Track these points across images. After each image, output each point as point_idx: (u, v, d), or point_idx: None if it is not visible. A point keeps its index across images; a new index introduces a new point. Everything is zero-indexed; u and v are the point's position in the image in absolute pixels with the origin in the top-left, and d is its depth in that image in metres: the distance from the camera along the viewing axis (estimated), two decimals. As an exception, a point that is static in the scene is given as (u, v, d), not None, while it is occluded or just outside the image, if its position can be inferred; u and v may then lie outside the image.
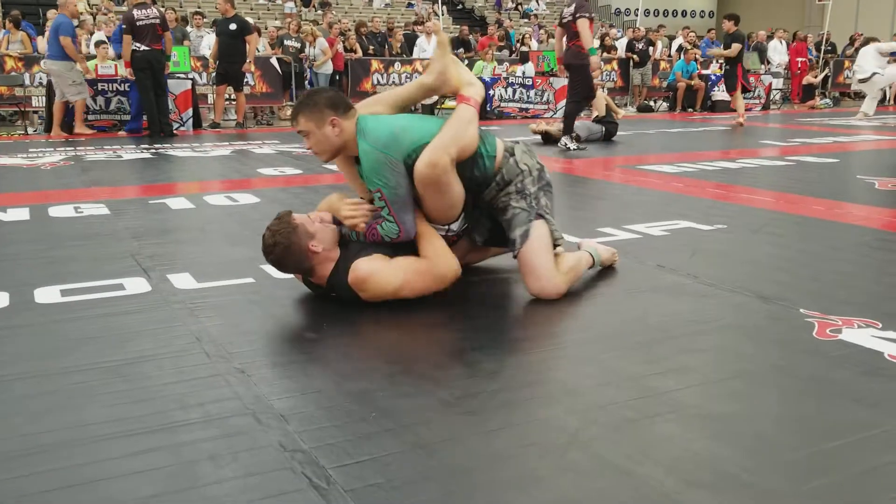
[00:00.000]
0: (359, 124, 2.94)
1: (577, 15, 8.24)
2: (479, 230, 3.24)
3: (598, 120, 9.67)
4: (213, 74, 11.48)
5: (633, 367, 2.34)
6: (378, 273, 2.83)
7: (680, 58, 16.20)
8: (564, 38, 8.72)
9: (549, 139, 9.26)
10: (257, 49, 12.11)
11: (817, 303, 2.93)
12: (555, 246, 3.08)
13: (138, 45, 9.82)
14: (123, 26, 10.00)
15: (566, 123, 8.63)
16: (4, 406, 2.09)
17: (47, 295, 3.07)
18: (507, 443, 1.89)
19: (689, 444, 1.87)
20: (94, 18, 14.34)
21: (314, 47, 13.06)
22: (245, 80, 11.50)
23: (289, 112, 13.26)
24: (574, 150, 8.43)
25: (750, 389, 2.20)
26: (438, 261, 2.94)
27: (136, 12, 9.81)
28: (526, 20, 22.91)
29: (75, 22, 10.58)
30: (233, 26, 10.76)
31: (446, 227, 3.09)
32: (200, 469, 1.75)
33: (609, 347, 2.51)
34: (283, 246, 2.82)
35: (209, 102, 12.32)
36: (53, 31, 9.70)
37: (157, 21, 9.95)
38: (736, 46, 11.23)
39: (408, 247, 2.97)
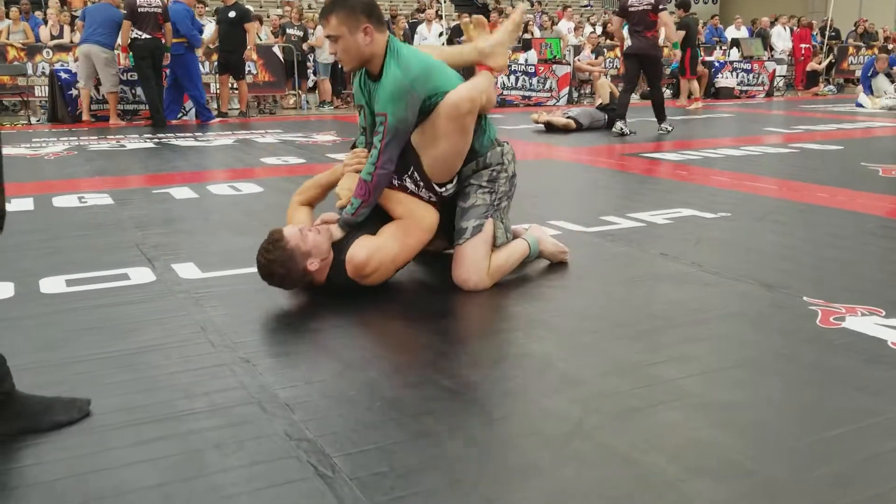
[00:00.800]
0: (392, 44, 2.90)
1: (661, 6, 8.55)
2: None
3: (601, 107, 9.65)
4: (216, 64, 11.44)
5: (636, 356, 2.35)
6: (375, 252, 2.83)
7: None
8: (625, 28, 9.02)
9: (551, 128, 9.24)
10: (259, 38, 12.07)
11: (821, 291, 2.94)
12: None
13: (139, 32, 9.82)
14: (124, 12, 9.99)
15: (620, 111, 8.79)
16: (12, 396, 2.10)
17: (52, 285, 3.08)
18: (511, 432, 1.90)
19: (693, 432, 1.88)
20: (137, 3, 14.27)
21: (314, 35, 13.02)
22: (247, 68, 11.45)
23: (292, 101, 13.26)
24: (630, 133, 8.65)
25: (753, 378, 2.21)
26: (415, 210, 2.95)
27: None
28: (528, 7, 22.81)
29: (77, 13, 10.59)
30: (232, 14, 10.71)
31: (439, 189, 3.02)
32: (206, 458, 1.77)
33: (612, 336, 2.52)
34: (280, 275, 2.80)
35: (212, 91, 12.30)
36: (111, 18, 9.77)
37: (159, 10, 9.94)
38: (679, 33, 11.31)
39: (384, 218, 2.98)
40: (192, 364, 2.30)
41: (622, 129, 8.68)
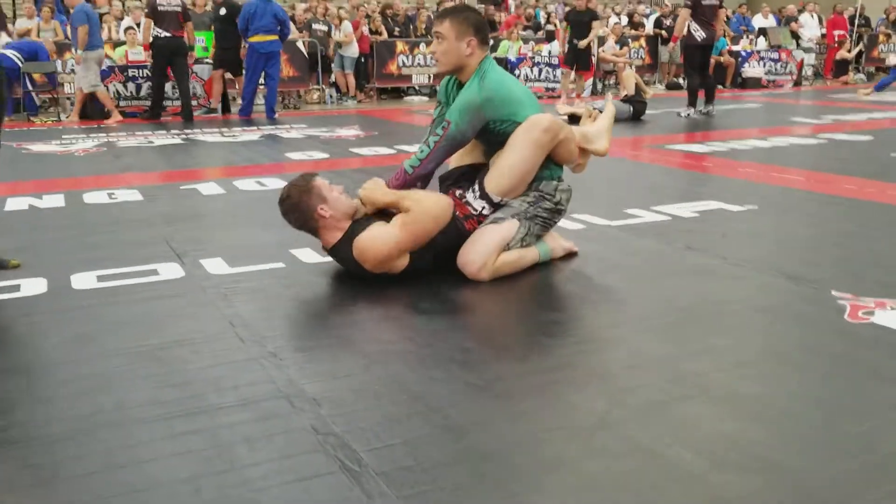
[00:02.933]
0: (485, 63, 3.13)
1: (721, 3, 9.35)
2: None
3: (626, 99, 9.59)
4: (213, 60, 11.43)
5: (661, 350, 2.35)
6: (375, 237, 2.91)
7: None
8: (689, 21, 9.40)
9: (573, 120, 9.24)
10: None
11: (849, 284, 2.91)
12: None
13: (160, 31, 9.94)
14: (146, 9, 10.14)
15: (691, 96, 9.67)
16: (48, 390, 2.15)
17: (84, 281, 3.14)
18: (536, 426, 1.91)
19: (719, 425, 1.88)
20: (124, 4, 14.46)
21: (339, 30, 13.04)
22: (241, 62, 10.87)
23: (316, 96, 13.26)
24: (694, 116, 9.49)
25: (780, 371, 2.20)
26: (423, 201, 2.98)
27: None
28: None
29: (105, 8, 10.69)
30: (222, 11, 10.66)
31: (483, 201, 3.10)
32: (236, 451, 1.80)
33: (638, 330, 2.52)
34: (292, 202, 3.00)
35: (237, 88, 12.39)
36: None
37: (179, 9, 10.06)
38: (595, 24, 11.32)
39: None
40: (221, 359, 2.34)
41: (691, 112, 9.53)
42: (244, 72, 10.57)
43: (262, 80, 10.62)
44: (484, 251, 3.02)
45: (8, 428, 1.93)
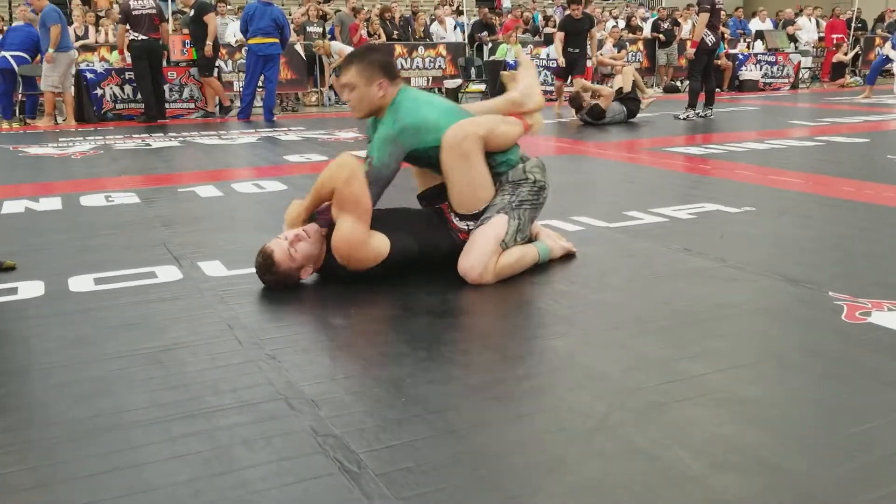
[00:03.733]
0: (398, 97, 3.08)
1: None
2: None
3: (621, 97, 9.52)
4: None
5: (660, 352, 2.35)
6: (338, 238, 2.89)
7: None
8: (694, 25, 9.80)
9: (578, 106, 9.35)
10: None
11: (846, 285, 2.92)
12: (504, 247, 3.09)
13: (136, 34, 10.06)
14: (119, 15, 10.23)
15: (692, 100, 9.77)
16: (46, 393, 2.14)
17: (81, 283, 3.13)
18: (535, 428, 1.91)
19: (717, 427, 1.88)
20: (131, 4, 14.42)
21: (331, 58, 12.89)
22: (214, 63, 10.88)
23: (314, 98, 13.26)
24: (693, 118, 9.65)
25: (778, 373, 2.20)
26: (326, 174, 2.99)
27: (131, 2, 10.03)
28: (550, 1, 22.73)
29: (103, 11, 10.72)
30: (191, 12, 10.74)
31: (465, 222, 3.12)
32: (235, 453, 1.80)
33: (636, 332, 2.52)
34: (277, 286, 2.99)
35: (235, 90, 12.40)
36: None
37: (154, 11, 10.18)
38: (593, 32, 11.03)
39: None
40: (219, 361, 2.33)
41: (690, 114, 9.63)
42: (245, 74, 10.64)
43: (260, 83, 10.65)
44: (481, 256, 3.01)
45: (6, 431, 1.92)
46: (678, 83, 15.96)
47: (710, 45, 9.51)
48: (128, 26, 10.13)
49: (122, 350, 2.43)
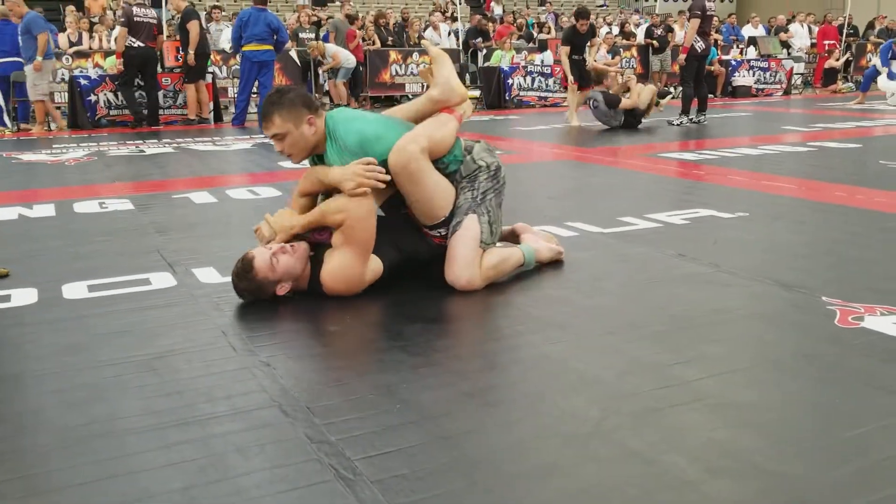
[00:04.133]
0: (328, 124, 2.97)
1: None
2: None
3: (629, 112, 9.47)
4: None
5: (654, 357, 2.35)
6: (335, 272, 2.87)
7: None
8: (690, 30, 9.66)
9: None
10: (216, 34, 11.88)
11: (839, 290, 2.93)
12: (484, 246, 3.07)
13: (133, 40, 10.15)
14: (122, 18, 10.29)
15: (685, 104, 9.88)
16: (40, 400, 2.14)
17: (75, 290, 3.13)
18: (530, 433, 1.91)
19: (712, 432, 1.89)
20: (115, 14, 14.45)
21: (324, 60, 12.87)
22: (199, 71, 10.83)
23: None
24: (686, 124, 9.74)
25: (772, 378, 2.21)
26: (349, 207, 2.86)
27: (135, 9, 10.18)
28: (543, 8, 22.80)
29: (97, 17, 10.77)
30: (178, 20, 10.90)
31: (435, 230, 3.08)
32: (229, 461, 1.79)
33: (631, 337, 2.52)
34: (249, 299, 2.92)
35: (229, 96, 12.40)
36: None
37: (154, 21, 10.41)
38: (594, 40, 11.01)
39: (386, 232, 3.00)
40: (213, 368, 2.33)
41: (684, 121, 9.73)
42: (239, 81, 10.72)
43: (254, 89, 10.66)
44: (465, 263, 3.00)
45: (-1, 438, 1.92)
46: (672, 89, 16.02)
47: (699, 51, 9.59)
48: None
49: (116, 357, 2.42)
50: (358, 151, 2.91)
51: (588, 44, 10.72)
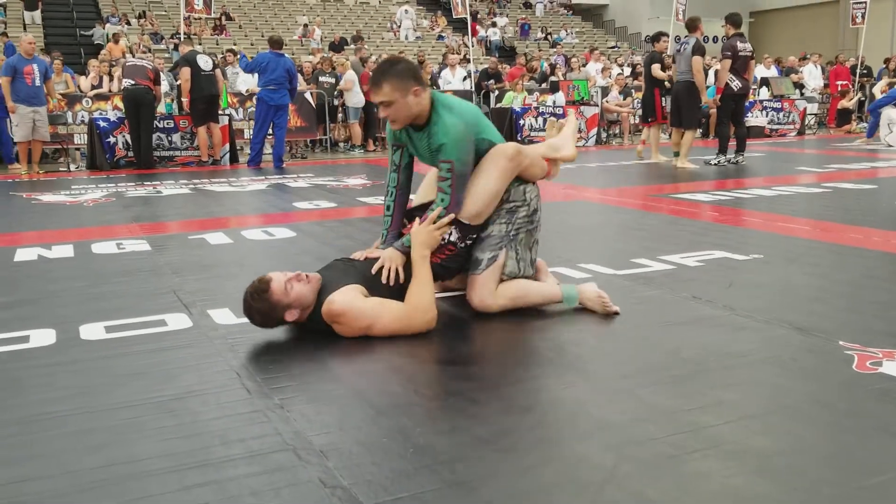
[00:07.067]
0: (438, 97, 3.20)
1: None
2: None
3: None
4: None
5: (669, 402, 2.34)
6: (352, 308, 2.91)
7: (712, 84, 16.12)
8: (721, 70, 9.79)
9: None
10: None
11: (856, 334, 2.91)
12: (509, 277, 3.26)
13: (128, 81, 10.62)
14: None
15: (722, 144, 9.97)
16: (58, 442, 2.15)
17: (92, 331, 3.15)
18: (544, 480, 1.90)
19: (728, 480, 1.87)
20: (134, 56, 14.72)
21: (344, 76, 13.22)
22: (203, 116, 11.05)
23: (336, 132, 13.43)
24: (721, 163, 9.82)
25: (789, 424, 2.19)
26: (416, 313, 2.99)
27: (128, 56, 11.03)
28: (554, 49, 23.05)
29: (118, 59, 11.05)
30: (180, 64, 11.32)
31: (455, 232, 3.18)
32: (244, 505, 1.79)
33: (644, 382, 2.52)
34: (258, 320, 2.99)
35: (245, 137, 12.56)
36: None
37: (150, 66, 10.85)
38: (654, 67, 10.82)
39: (393, 290, 3.06)
40: (228, 410, 2.34)
41: (721, 160, 9.79)
42: (255, 122, 10.97)
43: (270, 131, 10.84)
44: (480, 285, 3.20)
45: (21, 481, 1.93)
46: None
47: (735, 90, 9.67)
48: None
49: (133, 399, 2.43)
50: (473, 123, 3.19)
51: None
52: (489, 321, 3.18)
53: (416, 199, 3.54)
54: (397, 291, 3.05)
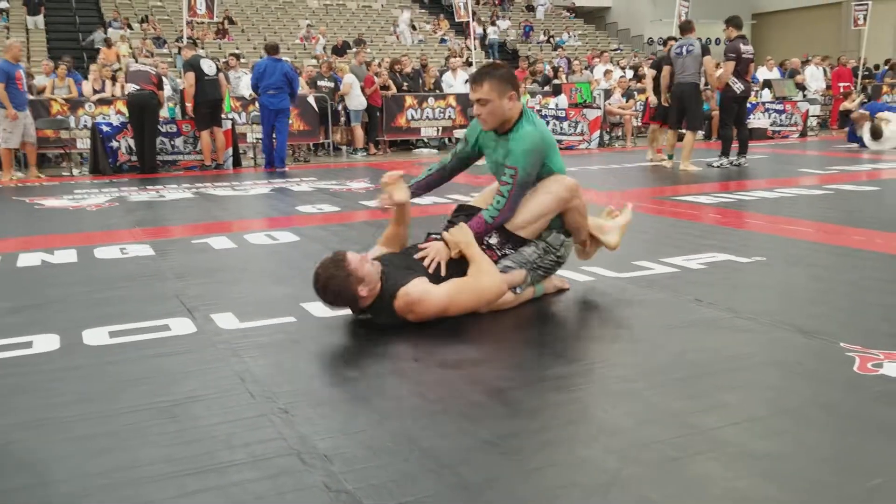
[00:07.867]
0: (528, 111, 3.38)
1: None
2: None
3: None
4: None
5: (673, 405, 2.34)
6: (427, 295, 3.03)
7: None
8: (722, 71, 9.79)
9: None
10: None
11: (858, 336, 2.91)
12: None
13: (132, 86, 10.66)
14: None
15: (725, 146, 9.91)
16: (62, 447, 2.15)
17: (96, 337, 3.16)
18: (549, 483, 1.90)
19: (732, 482, 1.87)
20: (137, 61, 14.75)
21: (343, 80, 13.25)
22: (205, 120, 11.02)
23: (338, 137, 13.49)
24: (724, 165, 9.79)
25: (792, 426, 2.19)
26: (481, 277, 3.12)
27: (130, 60, 10.77)
28: (556, 52, 23.06)
29: (116, 65, 11.10)
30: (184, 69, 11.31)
31: (501, 235, 3.34)
32: (248, 510, 1.79)
33: (649, 384, 2.52)
34: (334, 293, 3.05)
35: (248, 142, 12.59)
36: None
37: (153, 72, 10.87)
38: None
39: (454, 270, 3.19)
40: (231, 415, 2.34)
41: (724, 162, 9.76)
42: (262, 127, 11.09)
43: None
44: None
45: (22, 488, 1.93)
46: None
47: (738, 92, 9.69)
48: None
49: (137, 404, 2.44)
50: (549, 140, 3.37)
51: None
52: (493, 325, 3.18)
53: (472, 201, 3.64)
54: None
